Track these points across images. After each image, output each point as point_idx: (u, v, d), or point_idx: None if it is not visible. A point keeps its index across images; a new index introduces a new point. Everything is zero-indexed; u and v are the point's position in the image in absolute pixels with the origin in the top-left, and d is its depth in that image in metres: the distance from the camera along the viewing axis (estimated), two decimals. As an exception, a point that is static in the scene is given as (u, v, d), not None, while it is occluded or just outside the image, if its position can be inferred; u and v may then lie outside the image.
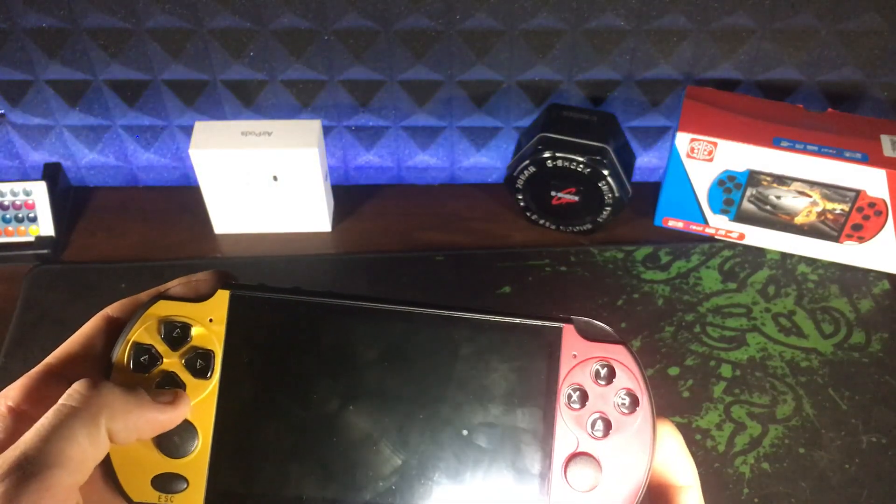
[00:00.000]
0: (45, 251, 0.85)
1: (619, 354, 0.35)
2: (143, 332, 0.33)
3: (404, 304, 0.34)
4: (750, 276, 0.84)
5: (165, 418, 0.32)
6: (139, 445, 0.33)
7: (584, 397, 0.34)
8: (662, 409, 0.77)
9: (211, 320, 0.33)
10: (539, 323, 0.35)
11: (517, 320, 0.34)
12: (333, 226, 0.90)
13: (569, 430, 0.34)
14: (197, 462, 0.33)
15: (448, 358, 0.34)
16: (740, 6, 0.82)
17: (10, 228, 0.86)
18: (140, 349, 0.33)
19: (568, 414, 0.34)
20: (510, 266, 0.85)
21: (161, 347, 0.33)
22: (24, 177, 0.96)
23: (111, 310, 0.34)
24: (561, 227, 0.89)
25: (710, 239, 0.88)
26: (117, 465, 0.32)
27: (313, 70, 0.87)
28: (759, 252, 0.86)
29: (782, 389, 0.75)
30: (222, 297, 0.34)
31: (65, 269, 0.85)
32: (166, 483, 0.33)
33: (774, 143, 0.80)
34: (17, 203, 0.86)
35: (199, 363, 0.33)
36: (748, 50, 0.86)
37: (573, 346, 0.35)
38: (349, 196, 0.93)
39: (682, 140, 0.81)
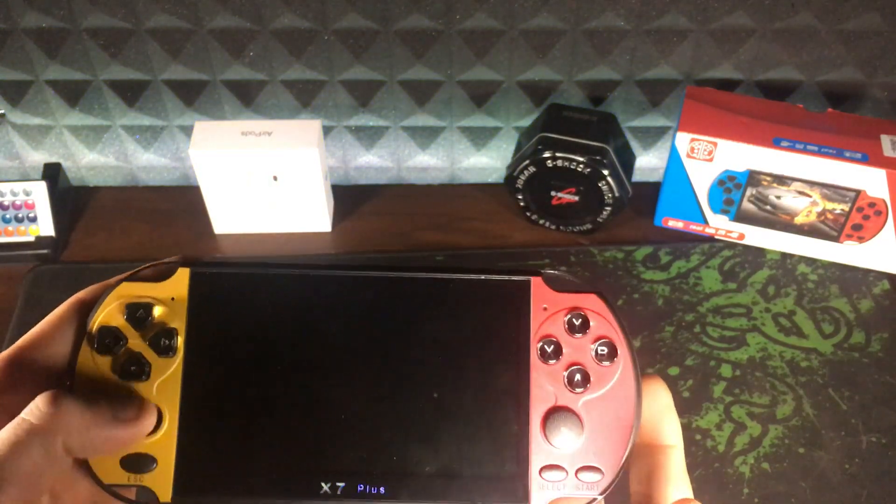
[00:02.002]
0: (45, 251, 0.85)
1: (592, 303, 0.33)
2: (107, 315, 0.33)
3: (367, 269, 0.34)
4: (750, 276, 0.84)
5: (127, 435, 0.32)
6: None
7: (558, 350, 0.33)
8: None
9: (173, 298, 0.33)
10: (506, 277, 0.34)
11: (483, 276, 0.34)
12: (333, 226, 0.90)
13: (545, 386, 0.33)
14: (165, 440, 0.33)
15: (416, 320, 0.33)
16: (740, 6, 0.82)
17: (10, 228, 0.86)
18: (105, 331, 0.33)
19: (542, 369, 0.33)
20: (510, 266, 0.85)
21: (126, 328, 0.33)
22: (24, 177, 0.96)
23: (82, 294, 0.34)
24: (561, 227, 0.89)
25: (710, 239, 0.88)
26: (83, 395, 0.32)
27: (313, 70, 0.87)
28: (759, 252, 0.86)
29: (782, 389, 0.75)
30: (183, 275, 0.34)
31: (65, 269, 0.85)
32: (135, 463, 0.33)
33: (774, 143, 0.80)
34: (17, 203, 0.86)
35: (164, 342, 0.33)
36: (748, 50, 0.86)
37: (543, 299, 0.33)
38: (349, 196, 0.93)
39: (682, 140, 0.81)
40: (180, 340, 0.33)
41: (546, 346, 0.33)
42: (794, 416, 0.73)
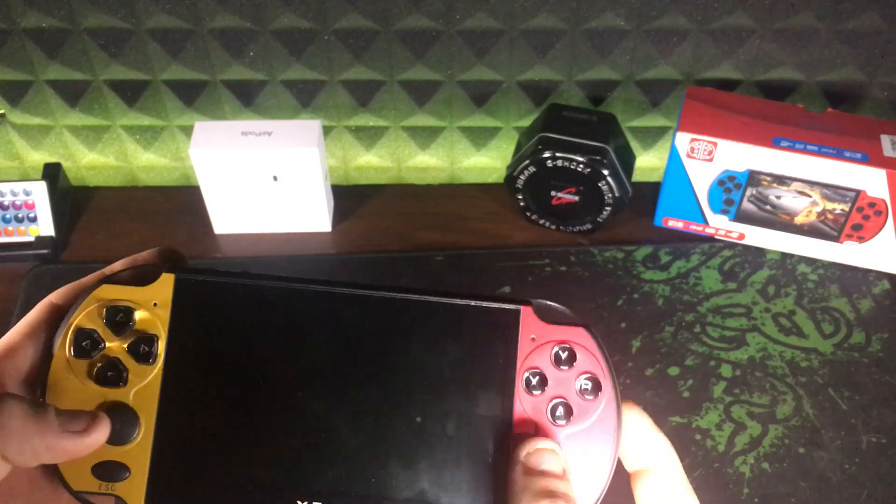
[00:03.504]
0: (45, 251, 0.85)
1: (580, 337, 0.33)
2: (85, 317, 0.32)
3: (357, 287, 0.33)
4: (750, 276, 0.84)
5: (72, 447, 0.29)
6: None
7: (543, 382, 0.33)
8: (663, 409, 0.77)
9: (155, 304, 0.32)
10: (496, 305, 0.33)
11: (473, 303, 0.33)
12: (333, 226, 0.90)
13: (528, 417, 0.33)
14: (139, 450, 0.32)
15: (402, 342, 0.33)
16: (740, 6, 0.82)
17: (10, 228, 0.86)
18: (82, 334, 0.32)
19: (527, 399, 0.33)
20: (510, 266, 0.85)
21: (104, 332, 0.32)
22: (24, 177, 0.96)
23: (55, 297, 0.33)
24: (561, 227, 0.89)
25: (710, 239, 0.88)
26: (32, 401, 0.31)
27: (313, 70, 0.87)
28: (759, 252, 0.86)
29: (782, 389, 0.75)
30: (167, 281, 0.32)
31: (65, 269, 0.85)
32: (107, 471, 0.32)
33: (774, 143, 0.80)
34: (17, 203, 0.86)
35: (143, 348, 0.32)
36: (748, 50, 0.86)
37: (532, 329, 0.33)
38: (349, 196, 0.93)
39: (682, 140, 0.81)
40: (161, 348, 0.32)
41: (531, 377, 0.33)
42: (794, 416, 0.73)
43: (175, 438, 0.32)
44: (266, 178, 0.84)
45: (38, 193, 0.86)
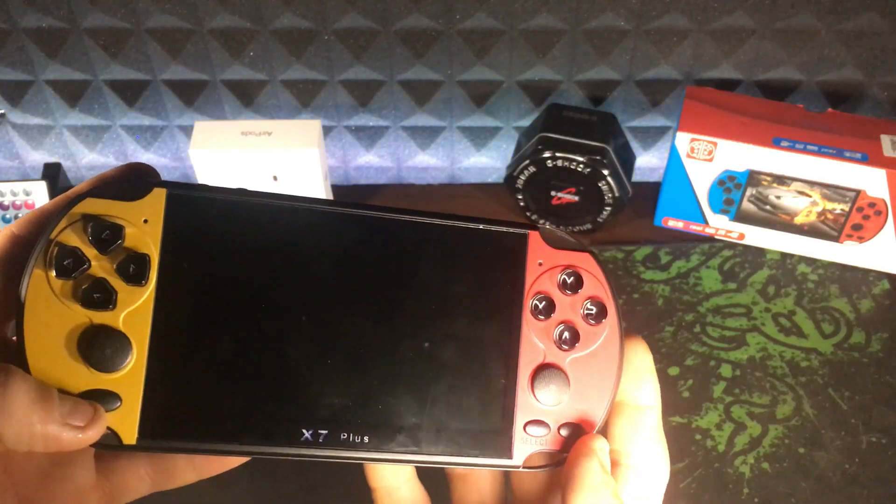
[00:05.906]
0: (45, 251, 0.85)
1: (585, 262, 0.33)
2: (68, 233, 0.29)
3: (362, 208, 0.31)
4: (750, 276, 0.84)
5: (69, 441, 0.27)
6: (63, 359, 0.29)
7: (550, 307, 0.32)
8: (662, 409, 0.77)
9: (146, 221, 0.29)
10: (503, 229, 0.32)
11: (481, 226, 0.32)
12: (333, 226, 0.90)
13: (535, 341, 0.32)
14: (131, 377, 0.29)
15: (408, 265, 0.31)
16: (740, 6, 0.82)
17: (10, 228, 0.86)
18: (64, 251, 0.28)
19: (534, 324, 0.32)
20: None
21: (88, 250, 0.29)
22: (24, 177, 0.96)
23: (15, 227, 0.29)
24: (561, 227, 0.89)
25: (710, 239, 0.88)
26: (38, 382, 0.28)
27: (313, 70, 0.87)
28: (759, 252, 0.86)
29: (782, 389, 0.75)
30: (158, 196, 0.29)
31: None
32: (96, 401, 0.29)
33: (774, 143, 0.80)
34: (17, 203, 0.86)
35: (133, 268, 0.29)
36: (748, 50, 0.86)
37: (539, 254, 0.33)
38: (349, 196, 0.93)
39: (682, 140, 0.81)
40: (153, 268, 0.29)
41: (538, 303, 0.33)
42: (794, 416, 0.73)
43: (171, 365, 0.30)
44: (266, 178, 0.84)
45: (38, 193, 0.86)
